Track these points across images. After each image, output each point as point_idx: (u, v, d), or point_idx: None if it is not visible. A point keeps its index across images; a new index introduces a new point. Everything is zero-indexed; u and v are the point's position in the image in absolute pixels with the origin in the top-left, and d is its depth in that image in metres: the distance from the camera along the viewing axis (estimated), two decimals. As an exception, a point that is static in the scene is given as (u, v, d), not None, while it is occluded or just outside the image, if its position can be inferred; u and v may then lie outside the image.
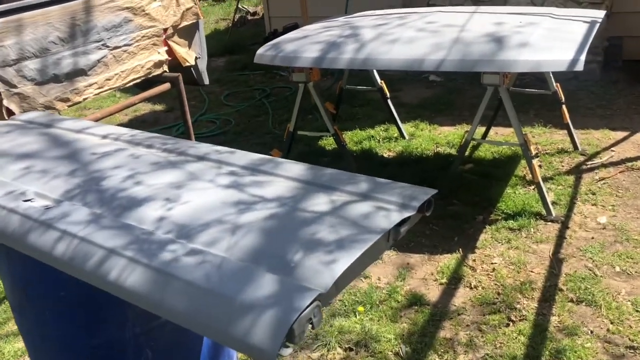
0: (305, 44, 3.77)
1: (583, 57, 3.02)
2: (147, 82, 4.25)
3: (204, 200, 1.61)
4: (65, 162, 1.97)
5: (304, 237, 1.38)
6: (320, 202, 1.54)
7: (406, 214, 1.45)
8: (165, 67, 4.21)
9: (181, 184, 1.72)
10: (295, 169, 1.79)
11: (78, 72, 3.62)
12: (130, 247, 1.42)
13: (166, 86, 4.24)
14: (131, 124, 5.94)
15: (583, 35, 3.29)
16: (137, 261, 1.37)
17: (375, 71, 4.56)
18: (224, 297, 1.22)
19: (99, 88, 3.80)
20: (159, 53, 4.08)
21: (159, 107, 6.38)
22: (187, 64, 4.26)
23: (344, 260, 1.26)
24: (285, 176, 1.74)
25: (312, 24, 4.46)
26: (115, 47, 3.80)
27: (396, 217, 1.44)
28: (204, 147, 2.03)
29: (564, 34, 3.37)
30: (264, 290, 1.21)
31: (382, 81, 4.64)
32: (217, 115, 5.95)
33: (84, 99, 3.74)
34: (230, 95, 6.58)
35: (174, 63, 4.32)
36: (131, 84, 4.04)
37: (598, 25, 3.53)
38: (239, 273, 1.28)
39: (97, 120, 3.80)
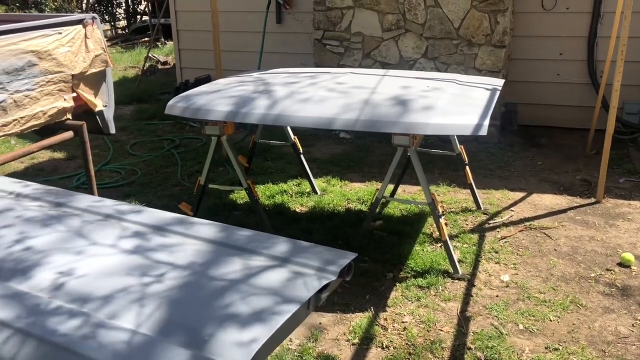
0: (219, 97, 3.73)
1: (487, 123, 3.18)
2: (47, 129, 4.02)
3: (107, 265, 1.49)
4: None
5: (218, 308, 1.30)
6: (236, 268, 1.47)
7: (325, 281, 1.41)
8: (69, 115, 4.00)
9: (82, 247, 1.59)
10: (209, 230, 1.71)
11: (-30, 117, 3.36)
12: (22, 318, 1.27)
13: (69, 134, 4.02)
14: (27, 172, 5.57)
15: (486, 102, 3.48)
16: (30, 334, 1.22)
17: (288, 127, 4.58)
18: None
19: (-7, 134, 3.53)
20: (64, 100, 3.88)
21: (58, 155, 6.03)
22: (98, 108, 4.10)
23: (262, 335, 1.19)
24: (197, 237, 1.65)
25: (225, 78, 4.44)
26: (16, 92, 3.57)
27: (316, 284, 1.40)
28: (108, 205, 1.90)
29: (469, 100, 3.55)
30: (175, 369, 1.11)
31: (295, 137, 4.66)
32: (122, 165, 5.71)
33: (-25, 145, 3.46)
34: (137, 145, 6.36)
35: (78, 110, 4.12)
36: (30, 130, 3.80)
37: (499, 92, 3.76)
38: (148, 349, 1.17)
39: (-12, 168, 3.52)
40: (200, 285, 1.39)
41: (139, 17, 15.40)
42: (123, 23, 15.38)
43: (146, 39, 13.55)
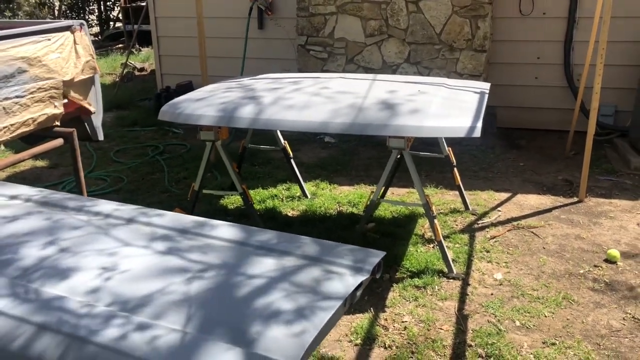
0: (212, 102, 3.74)
1: (480, 125, 3.26)
2: (34, 136, 3.97)
3: (142, 268, 1.50)
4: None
5: (261, 306, 1.32)
6: (270, 268, 1.50)
7: (361, 278, 1.45)
8: (58, 122, 3.96)
9: (112, 250, 1.59)
10: (234, 231, 1.73)
11: (-39, 124, 3.30)
12: (65, 321, 1.28)
13: (59, 142, 3.98)
14: (9, 180, 5.46)
15: (477, 105, 3.57)
16: (76, 337, 1.23)
17: (278, 131, 4.60)
18: (189, 376, 1.12)
19: (-17, 142, 3.48)
20: (55, 106, 3.84)
21: (41, 163, 5.94)
22: (94, 111, 4.08)
23: (311, 330, 1.22)
24: (225, 239, 1.67)
25: (214, 84, 4.44)
26: (6, 98, 3.53)
27: (352, 281, 1.43)
28: (128, 209, 1.91)
29: (460, 103, 3.63)
30: (232, 366, 1.13)
31: (286, 141, 4.69)
32: (107, 173, 5.66)
33: (-34, 154, 3.40)
34: (121, 152, 6.31)
35: (67, 117, 4.07)
36: (19, 137, 3.75)
37: (487, 95, 3.85)
38: (199, 347, 1.19)
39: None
40: (239, 284, 1.41)
41: (111, 23, 15.24)
42: (96, 30, 15.21)
43: (120, 45, 13.42)
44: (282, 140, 4.67)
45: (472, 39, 5.87)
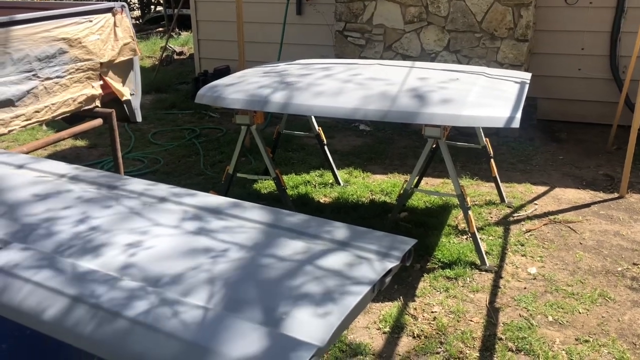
0: (246, 86, 3.75)
1: (519, 115, 3.19)
2: (74, 116, 4.05)
3: (172, 246, 1.51)
4: (8, 200, 1.80)
5: (289, 288, 1.32)
6: (298, 250, 1.49)
7: (390, 265, 1.43)
8: (98, 102, 4.03)
9: (144, 228, 1.61)
10: (264, 213, 1.74)
11: (5, 103, 3.39)
12: (96, 295, 1.30)
13: (98, 122, 4.05)
14: (50, 159, 5.60)
15: (516, 95, 3.49)
16: (107, 311, 1.25)
17: (313, 118, 4.60)
18: (215, 353, 1.13)
19: (26, 120, 3.57)
20: (93, 87, 3.91)
21: (80, 143, 6.08)
22: (125, 97, 4.12)
23: (338, 313, 1.22)
24: (255, 220, 1.67)
25: (251, 68, 4.45)
26: (47, 78, 3.61)
27: (381, 267, 1.42)
28: (161, 189, 1.93)
29: (499, 92, 3.56)
30: (258, 344, 1.13)
31: (320, 128, 4.68)
32: (144, 154, 5.75)
33: (10, 131, 3.49)
34: (158, 134, 6.40)
35: (106, 99, 4.15)
36: (60, 117, 3.83)
37: (527, 85, 3.76)
38: (226, 326, 1.19)
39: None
40: (268, 266, 1.42)
41: (152, 7, 15.42)
42: (137, 13, 15.40)
43: (160, 29, 13.57)
44: (317, 127, 4.66)
45: (514, 27, 5.74)
